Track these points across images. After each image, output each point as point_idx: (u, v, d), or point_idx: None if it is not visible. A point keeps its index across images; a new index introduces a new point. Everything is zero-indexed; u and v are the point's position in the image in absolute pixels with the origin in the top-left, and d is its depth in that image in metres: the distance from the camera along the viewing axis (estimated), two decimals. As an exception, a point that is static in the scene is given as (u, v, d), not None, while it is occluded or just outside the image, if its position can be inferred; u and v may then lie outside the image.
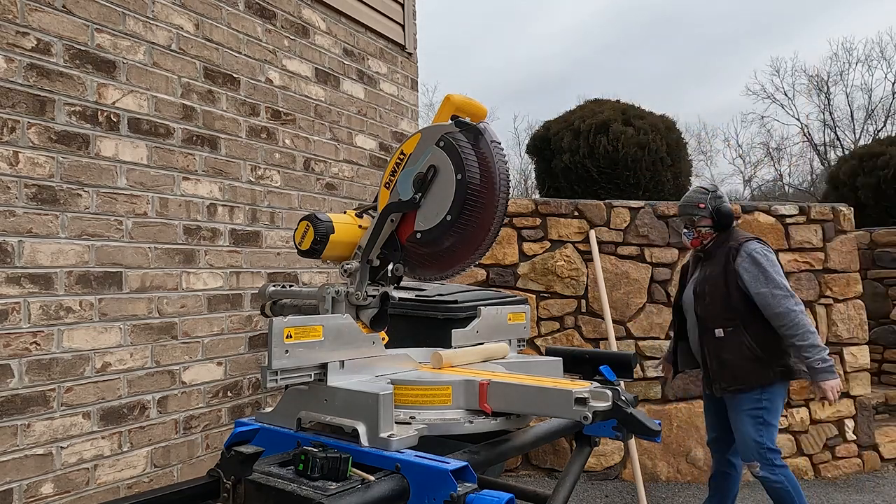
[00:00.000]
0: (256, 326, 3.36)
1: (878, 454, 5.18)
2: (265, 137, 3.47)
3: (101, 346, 2.63)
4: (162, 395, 2.87)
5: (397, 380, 1.54)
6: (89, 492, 2.57)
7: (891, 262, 6.16)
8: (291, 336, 1.38)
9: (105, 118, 2.68)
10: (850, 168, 9.12)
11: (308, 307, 1.83)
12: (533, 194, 16.24)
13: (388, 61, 4.51)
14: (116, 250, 2.70)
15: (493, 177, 1.63)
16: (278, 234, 3.52)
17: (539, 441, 1.74)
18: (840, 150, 21.82)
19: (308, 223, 1.73)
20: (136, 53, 2.82)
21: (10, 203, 2.35)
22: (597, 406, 1.35)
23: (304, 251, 1.74)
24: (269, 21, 3.54)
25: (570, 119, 7.79)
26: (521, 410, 1.49)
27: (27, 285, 2.39)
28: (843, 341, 5.13)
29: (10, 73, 2.36)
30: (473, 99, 1.80)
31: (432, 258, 1.75)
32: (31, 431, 2.38)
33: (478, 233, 1.66)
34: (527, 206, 4.98)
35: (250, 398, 3.33)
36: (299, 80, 3.72)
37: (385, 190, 1.78)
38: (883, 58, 24.92)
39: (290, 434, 1.47)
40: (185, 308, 2.99)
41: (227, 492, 1.24)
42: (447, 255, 1.73)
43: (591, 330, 4.89)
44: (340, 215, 1.81)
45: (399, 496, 1.24)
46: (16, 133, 2.37)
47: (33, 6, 2.44)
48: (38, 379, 2.41)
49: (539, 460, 4.82)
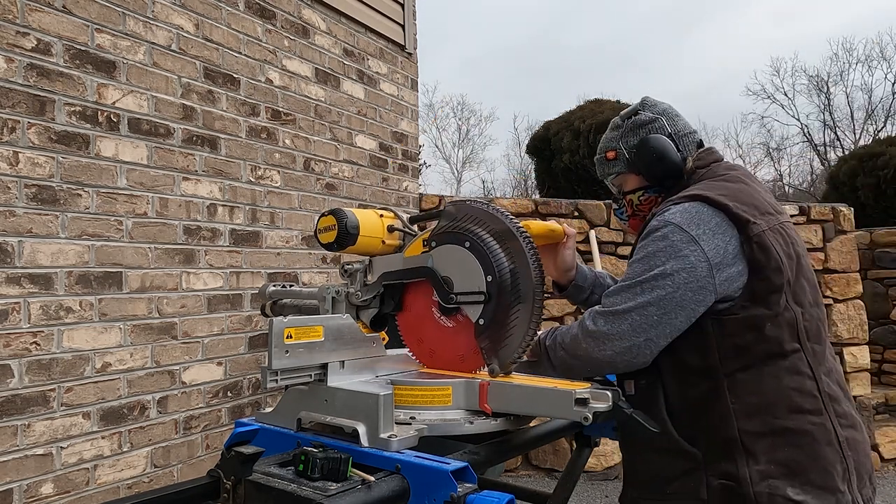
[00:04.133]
0: (256, 326, 3.35)
1: (878, 454, 5.18)
2: (265, 137, 3.47)
3: (101, 346, 2.63)
4: (162, 396, 2.87)
5: (397, 380, 1.54)
6: (89, 492, 2.57)
7: (891, 262, 6.16)
8: (291, 336, 1.38)
9: (105, 118, 2.68)
10: (850, 168, 9.13)
11: (308, 307, 1.83)
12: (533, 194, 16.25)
13: (388, 61, 4.51)
14: (116, 250, 2.70)
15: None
16: (278, 234, 3.52)
17: (539, 441, 1.74)
18: (840, 150, 21.84)
19: (333, 217, 1.59)
20: (136, 53, 2.81)
21: (10, 203, 2.35)
22: (597, 407, 1.35)
23: (329, 245, 1.63)
24: (269, 21, 3.53)
25: (570, 119, 7.81)
26: (521, 411, 1.49)
27: (27, 285, 2.39)
28: (843, 341, 5.13)
29: (10, 73, 2.36)
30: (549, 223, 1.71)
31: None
32: (31, 431, 2.38)
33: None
34: (527, 206, 4.98)
35: (250, 398, 3.33)
36: (299, 80, 3.72)
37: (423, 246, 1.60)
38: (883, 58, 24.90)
39: (290, 434, 1.47)
40: (185, 308, 2.99)
41: (227, 492, 1.24)
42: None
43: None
44: (371, 220, 1.66)
45: (399, 497, 1.23)
46: (16, 133, 2.37)
47: (33, 6, 2.44)
48: (38, 379, 2.41)
49: (539, 460, 4.82)
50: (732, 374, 1.45)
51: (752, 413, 1.43)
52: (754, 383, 1.44)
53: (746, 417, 1.43)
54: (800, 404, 1.43)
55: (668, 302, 1.43)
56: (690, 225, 1.46)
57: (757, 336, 1.44)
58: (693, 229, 1.45)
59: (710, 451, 1.45)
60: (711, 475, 1.44)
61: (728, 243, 1.46)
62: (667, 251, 1.44)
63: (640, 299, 1.44)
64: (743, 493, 1.39)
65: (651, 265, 1.45)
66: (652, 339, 1.44)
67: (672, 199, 1.56)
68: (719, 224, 1.46)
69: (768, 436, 1.42)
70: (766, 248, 1.46)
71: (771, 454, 1.40)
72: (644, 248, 1.49)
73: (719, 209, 1.48)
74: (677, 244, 1.44)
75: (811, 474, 1.40)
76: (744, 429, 1.42)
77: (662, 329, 1.44)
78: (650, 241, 1.48)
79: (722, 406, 1.44)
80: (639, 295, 1.45)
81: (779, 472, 1.39)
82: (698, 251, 1.43)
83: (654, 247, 1.46)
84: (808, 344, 1.48)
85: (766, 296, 1.45)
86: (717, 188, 1.55)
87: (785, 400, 1.43)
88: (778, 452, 1.41)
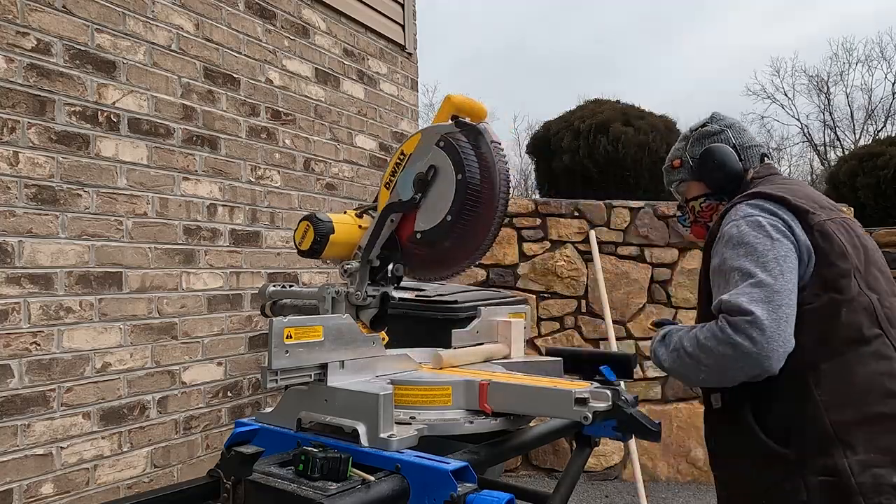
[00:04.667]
0: (256, 326, 3.35)
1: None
2: (265, 137, 3.47)
3: (101, 346, 2.63)
4: (162, 396, 2.87)
5: (397, 380, 1.54)
6: (89, 492, 2.57)
7: (891, 262, 6.15)
8: (291, 336, 1.38)
9: (105, 118, 2.68)
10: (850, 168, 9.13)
11: (308, 307, 1.83)
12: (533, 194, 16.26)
13: (388, 61, 4.51)
14: (116, 250, 2.70)
15: (493, 177, 1.63)
16: (278, 234, 3.52)
17: (539, 441, 1.74)
18: (840, 150, 21.83)
19: (308, 223, 1.73)
20: (136, 53, 2.81)
21: (10, 203, 2.35)
22: (597, 406, 1.35)
23: (304, 251, 1.74)
24: (269, 21, 3.53)
25: (570, 119, 7.80)
26: (521, 411, 1.49)
27: (27, 285, 2.39)
28: (843, 341, 5.13)
29: (10, 73, 2.36)
30: (474, 99, 1.80)
31: (432, 258, 1.75)
32: (31, 431, 2.38)
33: (478, 233, 1.66)
34: (527, 206, 4.98)
35: (250, 398, 3.32)
36: (299, 81, 3.72)
37: (385, 190, 1.78)
38: (883, 58, 24.96)
39: (290, 434, 1.47)
40: (185, 308, 2.99)
41: (227, 492, 1.24)
42: (447, 255, 1.73)
43: (591, 330, 4.89)
44: (341, 215, 1.82)
45: (399, 496, 1.24)
46: (16, 133, 2.37)
47: (33, 6, 2.44)
48: (38, 379, 2.41)
49: (539, 460, 4.82)
50: (816, 365, 1.42)
51: (843, 403, 1.40)
52: (841, 372, 1.41)
53: (838, 408, 1.39)
54: (892, 389, 1.40)
55: (793, 280, 1.42)
56: (767, 213, 1.50)
57: (835, 323, 1.43)
58: (771, 216, 1.49)
59: (804, 449, 1.41)
60: (810, 474, 1.39)
61: (799, 230, 1.48)
62: (767, 236, 1.45)
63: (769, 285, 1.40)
64: (845, 486, 1.35)
65: (759, 252, 1.44)
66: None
67: (732, 202, 1.62)
68: (786, 212, 1.50)
69: (864, 424, 1.38)
70: (827, 235, 1.47)
71: (870, 442, 1.37)
72: (739, 242, 1.48)
73: (778, 202, 1.52)
74: (769, 229, 1.46)
75: None
76: (837, 420, 1.39)
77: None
78: (743, 234, 1.48)
79: (811, 401, 1.41)
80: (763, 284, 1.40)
81: (881, 461, 1.36)
82: (787, 233, 1.47)
83: (751, 237, 1.46)
84: (891, 330, 1.47)
85: (835, 281, 1.44)
86: (774, 187, 1.60)
87: (877, 386, 1.41)
88: (877, 440, 1.38)
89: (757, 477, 1.46)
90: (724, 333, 1.38)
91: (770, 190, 1.56)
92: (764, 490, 1.45)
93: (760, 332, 1.34)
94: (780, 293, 1.38)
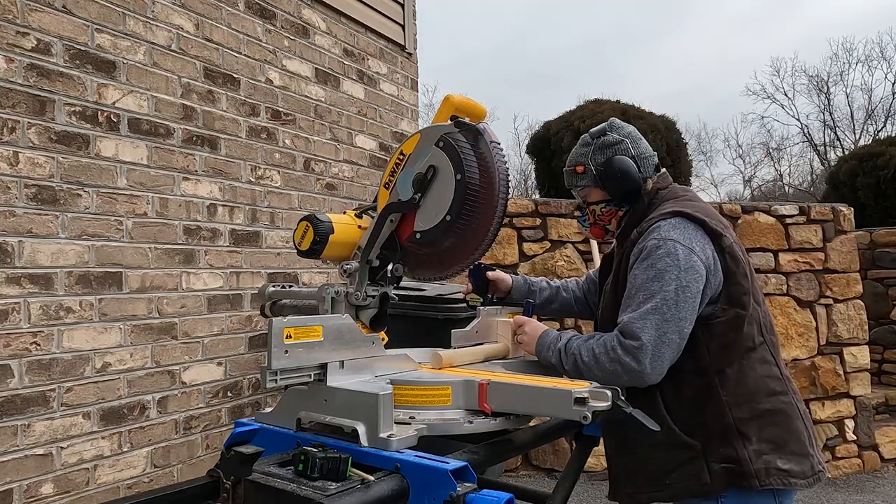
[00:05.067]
0: (256, 326, 3.36)
1: (878, 454, 5.17)
2: (265, 137, 3.47)
3: (101, 346, 2.63)
4: (162, 396, 2.87)
5: (397, 380, 1.54)
6: (89, 492, 2.57)
7: (891, 262, 6.16)
8: (291, 336, 1.38)
9: (105, 118, 2.68)
10: (850, 168, 9.14)
11: (308, 307, 1.83)
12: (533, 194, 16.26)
13: (388, 61, 4.51)
14: (116, 250, 2.70)
15: (492, 177, 1.63)
16: (278, 234, 3.52)
17: (539, 441, 1.74)
18: (840, 150, 21.83)
19: (308, 223, 1.73)
20: (136, 53, 2.82)
21: (10, 203, 2.35)
22: (596, 406, 1.35)
23: (303, 251, 1.74)
24: (269, 21, 3.54)
25: (570, 119, 7.81)
26: (520, 410, 1.49)
27: (27, 285, 2.39)
28: (843, 341, 5.13)
29: (10, 73, 2.36)
30: (473, 99, 1.80)
31: (432, 258, 1.75)
32: (31, 431, 2.38)
33: (477, 232, 1.67)
34: (527, 206, 4.98)
35: (250, 398, 3.33)
36: (299, 81, 3.72)
37: (384, 190, 1.78)
38: (883, 58, 24.96)
39: (289, 434, 1.47)
40: (185, 308, 2.99)
41: (226, 492, 1.24)
42: (447, 254, 1.73)
43: (591, 330, 4.88)
44: (340, 215, 1.82)
45: (399, 496, 1.24)
46: (16, 133, 2.37)
47: (33, 6, 2.44)
48: (38, 379, 2.41)
49: (539, 460, 4.82)
50: (721, 370, 1.65)
51: (741, 402, 1.64)
52: (739, 376, 1.66)
53: (737, 406, 1.64)
54: (773, 388, 1.68)
55: (690, 308, 1.60)
56: (685, 238, 1.65)
57: (737, 334, 1.66)
58: (688, 242, 1.64)
59: (710, 440, 1.63)
60: (712, 461, 1.62)
61: (711, 254, 1.66)
62: (676, 265, 1.61)
63: (668, 315, 1.60)
64: (744, 472, 1.60)
65: (665, 280, 1.61)
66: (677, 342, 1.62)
67: (653, 217, 1.73)
68: (703, 236, 1.67)
69: (755, 419, 1.64)
70: (735, 257, 1.68)
71: (760, 434, 1.63)
72: (652, 265, 1.64)
73: (698, 224, 1.68)
74: (682, 257, 1.62)
75: (791, 445, 1.64)
76: (737, 416, 1.63)
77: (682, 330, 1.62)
78: (657, 258, 1.64)
79: (716, 399, 1.64)
80: (662, 312, 1.60)
81: (769, 448, 1.62)
82: (699, 260, 1.63)
83: (663, 263, 1.62)
84: (768, 336, 1.73)
85: (739, 298, 1.66)
86: (689, 206, 1.74)
87: (762, 386, 1.67)
88: (765, 431, 1.63)
89: (664, 459, 1.67)
90: (615, 353, 1.60)
91: (690, 210, 1.70)
92: (670, 470, 1.66)
93: (645, 356, 1.57)
94: (670, 322, 1.58)
